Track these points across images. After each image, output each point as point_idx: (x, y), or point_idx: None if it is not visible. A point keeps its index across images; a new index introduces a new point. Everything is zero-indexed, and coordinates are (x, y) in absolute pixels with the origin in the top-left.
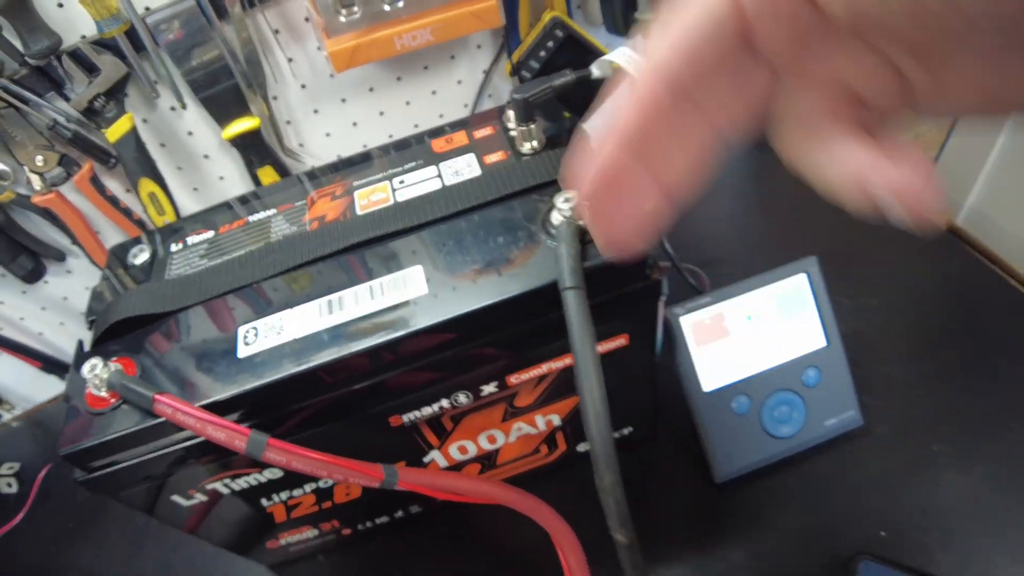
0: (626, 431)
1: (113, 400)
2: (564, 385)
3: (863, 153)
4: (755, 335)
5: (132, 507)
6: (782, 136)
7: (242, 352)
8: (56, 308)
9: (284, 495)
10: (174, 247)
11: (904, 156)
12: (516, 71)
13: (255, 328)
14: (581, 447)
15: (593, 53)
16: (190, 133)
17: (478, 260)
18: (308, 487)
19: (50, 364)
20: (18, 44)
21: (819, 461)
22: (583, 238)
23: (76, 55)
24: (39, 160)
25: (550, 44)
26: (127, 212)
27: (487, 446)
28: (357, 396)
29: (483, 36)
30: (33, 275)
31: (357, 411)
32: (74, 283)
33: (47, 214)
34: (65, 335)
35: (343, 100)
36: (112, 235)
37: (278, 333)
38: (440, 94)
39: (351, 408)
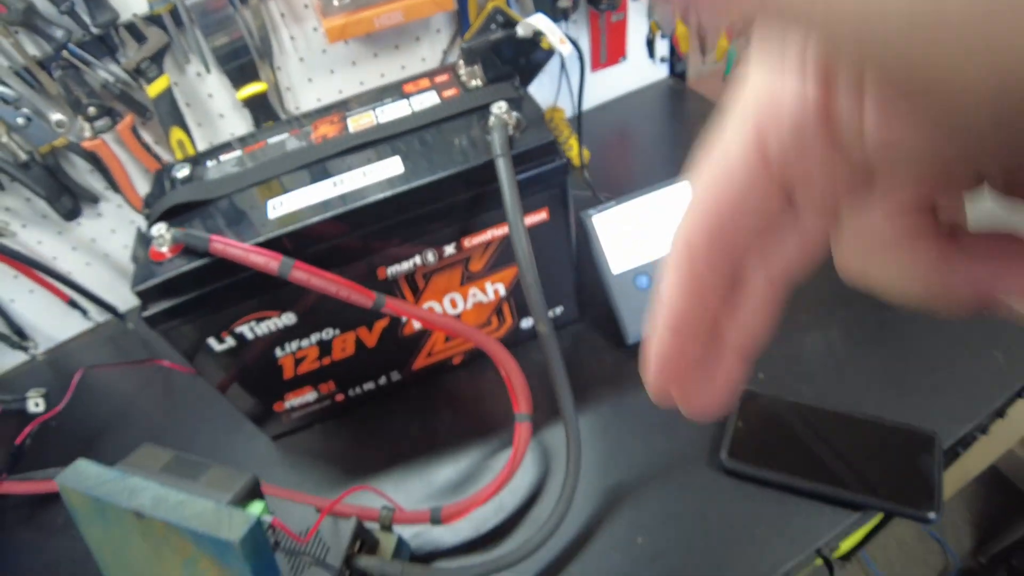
0: (558, 311)
1: (170, 255)
2: (506, 254)
3: (954, 264)
4: (651, 229)
5: (177, 348)
6: (843, 257)
7: (271, 214)
8: (85, 249)
9: (294, 345)
10: (210, 163)
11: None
12: None
13: (281, 200)
14: (524, 323)
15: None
16: (210, 95)
17: (439, 150)
18: (314, 338)
19: (79, 293)
20: (86, 16)
21: None
22: (508, 131)
23: (130, 27)
24: (91, 111)
25: (492, 27)
26: (158, 157)
27: (450, 310)
28: (355, 245)
29: (442, 22)
30: (71, 214)
31: (355, 260)
32: (103, 226)
33: (92, 158)
34: (91, 275)
35: (332, 71)
36: (142, 182)
37: (298, 202)
38: (408, 69)
39: (350, 256)
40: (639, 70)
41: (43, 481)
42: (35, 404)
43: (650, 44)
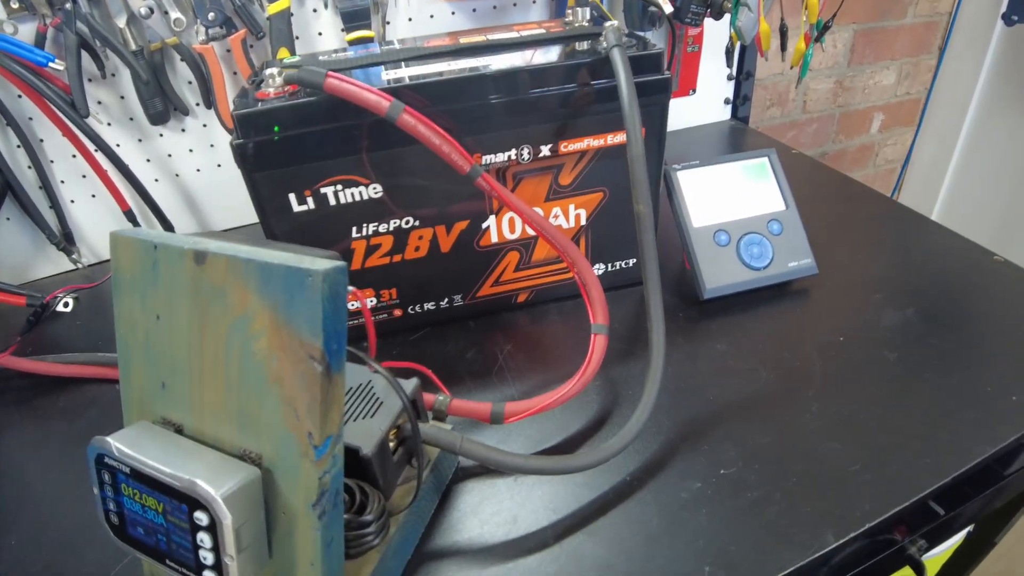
0: (631, 261)
1: (274, 96)
2: (596, 173)
3: None
4: (732, 192)
5: (256, 193)
6: None
7: (385, 77)
8: (158, 163)
9: (371, 228)
10: (322, 56)
11: None
12: None
13: (396, 71)
14: (596, 269)
15: None
16: (320, 33)
17: (551, 53)
18: (392, 224)
19: (145, 202)
20: None
21: (784, 294)
22: (622, 36)
23: None
24: (211, 16)
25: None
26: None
27: (531, 230)
28: (459, 122)
29: (539, 14)
30: (160, 117)
31: (457, 136)
32: (182, 143)
33: (196, 65)
34: (156, 192)
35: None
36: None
37: (413, 71)
38: None
39: (454, 132)
40: (705, 107)
41: (49, 363)
42: (64, 304)
43: (728, 54)
